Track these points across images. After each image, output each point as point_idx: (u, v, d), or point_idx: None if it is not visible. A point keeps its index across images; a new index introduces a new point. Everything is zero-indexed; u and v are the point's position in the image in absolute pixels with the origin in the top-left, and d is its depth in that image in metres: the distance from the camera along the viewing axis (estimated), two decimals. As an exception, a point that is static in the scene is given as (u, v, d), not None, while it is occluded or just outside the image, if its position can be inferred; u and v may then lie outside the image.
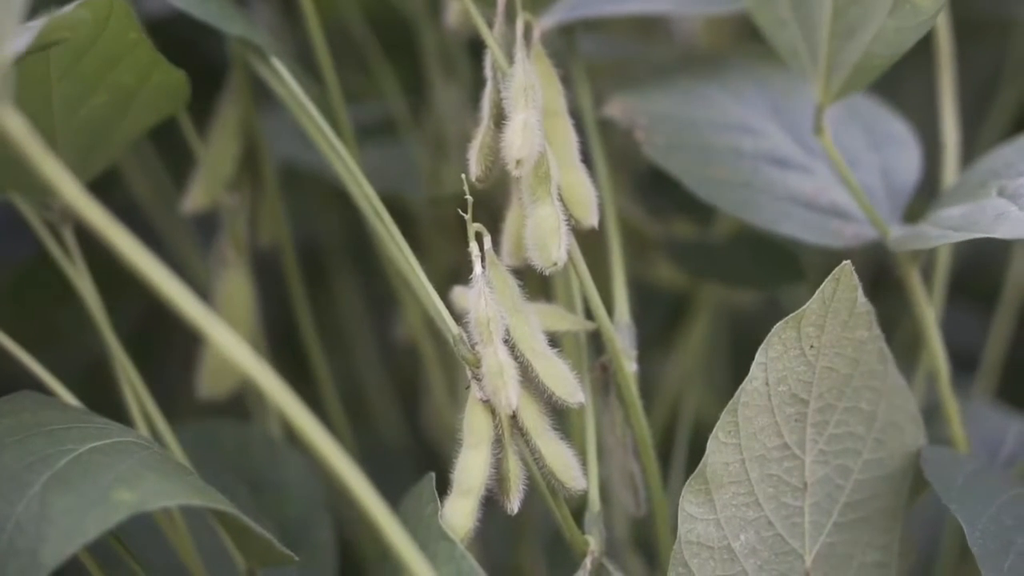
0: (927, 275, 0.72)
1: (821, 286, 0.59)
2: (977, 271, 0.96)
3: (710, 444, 0.59)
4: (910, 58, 0.64)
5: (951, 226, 0.62)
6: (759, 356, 0.59)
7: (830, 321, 0.60)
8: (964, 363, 0.81)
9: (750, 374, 0.59)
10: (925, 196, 0.73)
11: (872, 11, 0.61)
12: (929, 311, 0.68)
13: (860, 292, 0.60)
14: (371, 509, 0.47)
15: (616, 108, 0.72)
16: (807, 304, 0.59)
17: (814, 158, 0.71)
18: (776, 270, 0.78)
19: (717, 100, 0.73)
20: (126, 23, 0.61)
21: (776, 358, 0.59)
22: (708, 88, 0.74)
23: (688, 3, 0.76)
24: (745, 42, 0.89)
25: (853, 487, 0.61)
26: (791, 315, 0.59)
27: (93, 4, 0.59)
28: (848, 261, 0.59)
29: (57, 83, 0.62)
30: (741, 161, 0.70)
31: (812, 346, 0.59)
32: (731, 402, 0.59)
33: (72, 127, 0.65)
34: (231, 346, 0.47)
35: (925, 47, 0.72)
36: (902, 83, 0.71)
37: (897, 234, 0.66)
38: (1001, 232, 0.59)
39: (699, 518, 0.60)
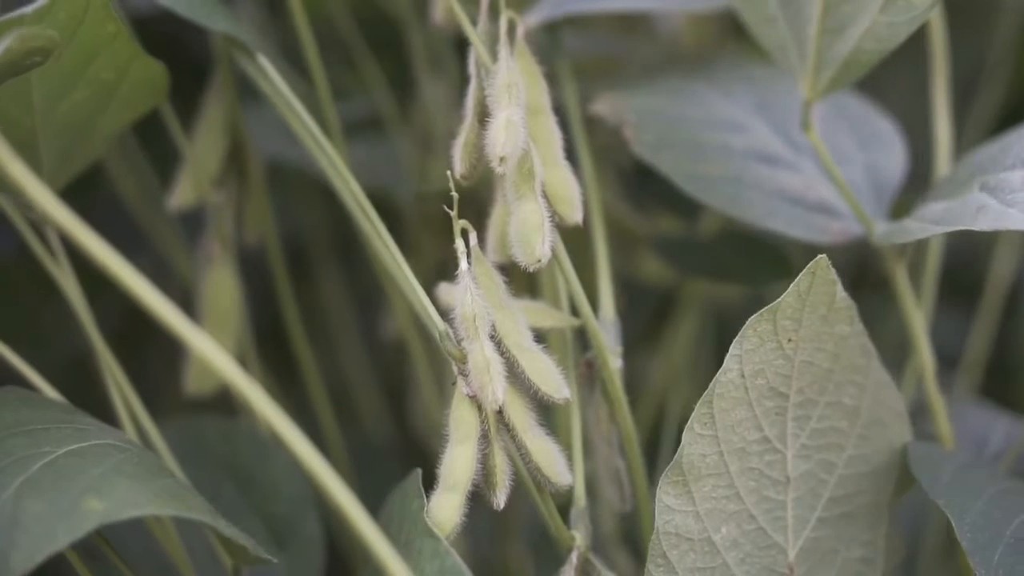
0: (915, 274, 0.72)
1: (796, 279, 0.59)
2: (958, 269, 0.96)
3: (685, 435, 0.59)
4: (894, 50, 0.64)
5: (933, 220, 0.63)
6: (733, 348, 0.59)
7: (808, 315, 0.60)
8: (946, 361, 0.82)
9: (724, 365, 0.59)
10: (912, 193, 0.73)
11: (864, 7, 0.62)
12: (915, 307, 0.68)
13: (839, 287, 0.60)
14: (346, 508, 0.48)
15: (604, 105, 0.72)
16: (782, 297, 0.59)
17: (801, 155, 0.71)
18: (763, 267, 0.78)
19: (705, 98, 0.73)
20: (103, 15, 0.61)
21: (752, 351, 0.59)
22: (696, 86, 0.74)
23: (672, 0, 0.76)
24: (728, 39, 0.89)
25: (837, 482, 0.61)
26: (766, 308, 0.59)
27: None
28: (824, 255, 0.59)
29: (37, 80, 0.61)
30: (730, 158, 0.70)
31: (790, 340, 0.60)
32: (705, 393, 0.59)
33: (53, 124, 0.64)
34: (206, 348, 0.47)
35: (909, 38, 0.72)
36: (884, 75, 0.71)
37: (882, 230, 0.66)
38: (980, 224, 0.60)
39: (677, 510, 0.60)
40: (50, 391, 0.64)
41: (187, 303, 0.80)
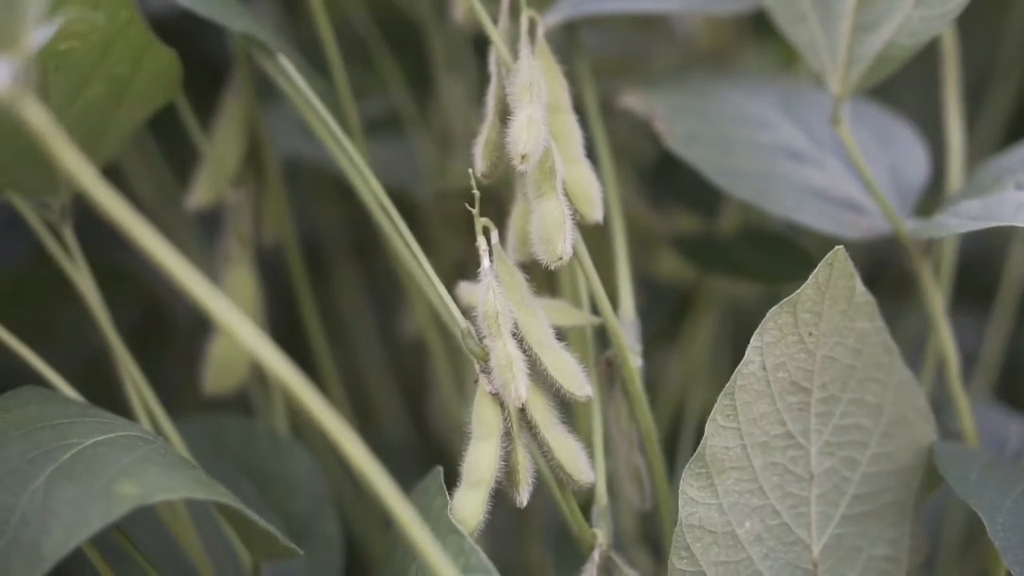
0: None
1: (814, 271, 0.59)
2: (973, 271, 0.96)
3: (708, 427, 0.59)
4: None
5: (971, 217, 0.63)
6: (754, 340, 0.59)
7: (827, 309, 0.59)
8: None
9: (746, 357, 0.59)
10: (925, 195, 0.73)
11: (898, 2, 0.61)
12: (939, 303, 0.68)
13: (859, 281, 0.59)
14: (381, 490, 0.47)
15: (634, 100, 0.72)
16: (801, 288, 0.59)
17: (826, 153, 0.71)
18: (783, 264, 0.78)
19: (731, 97, 0.74)
20: (117, 3, 0.61)
21: (773, 343, 0.59)
22: (721, 86, 0.75)
23: (692, 2, 0.76)
24: (745, 40, 0.89)
25: (861, 480, 0.61)
26: (785, 300, 0.59)
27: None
28: (841, 246, 0.59)
29: (53, 75, 0.61)
30: (759, 153, 0.70)
31: (811, 333, 0.59)
32: (728, 385, 0.59)
33: (68, 121, 0.64)
34: (245, 332, 0.46)
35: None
36: (894, 78, 0.71)
37: (911, 226, 0.66)
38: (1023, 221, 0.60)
39: (700, 502, 0.59)
40: (68, 390, 0.64)
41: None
